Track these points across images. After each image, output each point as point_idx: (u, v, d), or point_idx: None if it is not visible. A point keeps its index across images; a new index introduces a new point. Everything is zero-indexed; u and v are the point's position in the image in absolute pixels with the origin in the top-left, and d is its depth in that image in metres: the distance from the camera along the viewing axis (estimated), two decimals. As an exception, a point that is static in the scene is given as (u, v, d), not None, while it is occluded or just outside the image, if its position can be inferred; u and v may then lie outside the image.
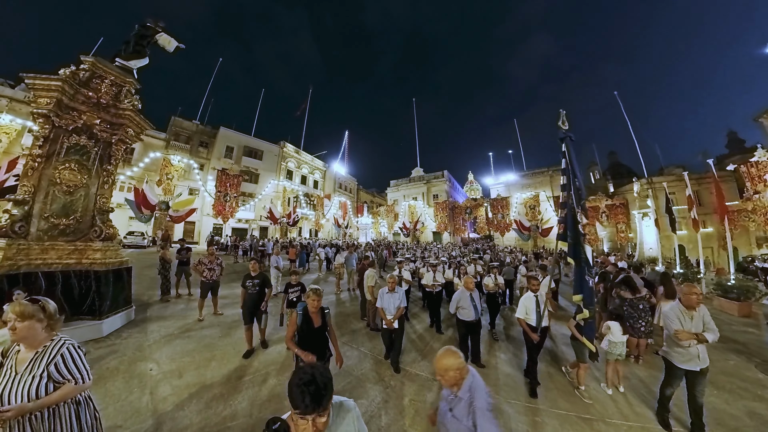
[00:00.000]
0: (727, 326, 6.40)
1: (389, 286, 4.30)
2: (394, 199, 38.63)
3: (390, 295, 4.24)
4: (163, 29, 6.54)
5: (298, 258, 13.02)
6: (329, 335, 2.91)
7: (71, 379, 1.62)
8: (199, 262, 5.88)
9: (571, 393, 3.64)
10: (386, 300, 4.21)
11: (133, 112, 5.63)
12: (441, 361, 1.72)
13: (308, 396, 1.04)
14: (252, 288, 4.42)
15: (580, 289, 3.53)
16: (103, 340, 4.43)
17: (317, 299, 2.82)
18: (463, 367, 1.75)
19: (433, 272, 6.53)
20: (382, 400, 3.36)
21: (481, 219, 28.71)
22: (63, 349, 1.63)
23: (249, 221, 26.28)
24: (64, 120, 4.91)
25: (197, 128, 24.79)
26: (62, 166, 4.91)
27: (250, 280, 4.45)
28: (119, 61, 5.84)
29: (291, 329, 2.81)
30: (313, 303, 2.79)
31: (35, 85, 4.71)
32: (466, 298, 4.32)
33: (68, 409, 1.66)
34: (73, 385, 1.63)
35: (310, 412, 1.05)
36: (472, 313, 4.24)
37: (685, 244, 21.91)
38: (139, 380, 3.43)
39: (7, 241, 4.24)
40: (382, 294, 4.26)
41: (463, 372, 1.75)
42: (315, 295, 2.81)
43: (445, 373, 1.71)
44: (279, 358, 4.26)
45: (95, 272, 4.82)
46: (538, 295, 3.89)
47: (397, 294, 4.24)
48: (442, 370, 1.71)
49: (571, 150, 4.07)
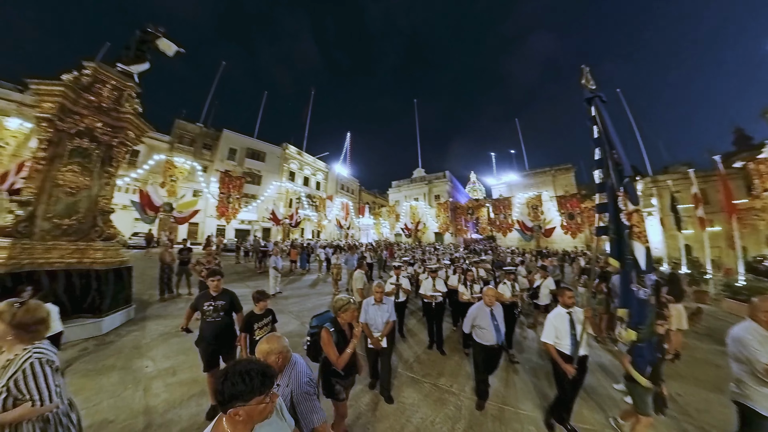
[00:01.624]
0: None
1: (375, 296, 3.39)
2: (395, 200, 38.67)
3: (376, 307, 3.36)
4: (163, 34, 6.70)
5: (299, 259, 13.17)
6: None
7: (29, 399, 1.48)
8: (198, 262, 5.99)
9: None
10: (371, 313, 3.34)
11: (133, 116, 5.77)
12: (262, 345, 1.63)
13: (258, 376, 1.06)
14: (212, 314, 3.00)
15: (626, 302, 2.63)
16: (102, 337, 4.55)
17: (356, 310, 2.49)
18: (286, 352, 1.64)
19: (432, 279, 5.45)
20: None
21: (483, 219, 28.59)
22: (26, 365, 1.49)
23: (251, 222, 26.56)
24: (66, 124, 5.06)
25: (201, 131, 25.17)
26: (65, 169, 5.07)
27: (210, 303, 3.03)
28: (120, 66, 6.00)
29: (333, 350, 2.30)
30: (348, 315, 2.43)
31: (39, 90, 4.87)
32: (485, 316, 3.35)
33: (32, 427, 1.52)
34: (29, 407, 1.47)
35: (268, 389, 1.07)
36: (493, 335, 3.29)
37: (691, 243, 21.51)
38: (134, 377, 3.51)
39: (12, 241, 4.39)
40: (366, 306, 3.39)
41: (285, 358, 1.65)
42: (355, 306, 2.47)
43: (266, 357, 1.59)
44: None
45: (96, 271, 4.95)
46: (572, 312, 2.94)
47: (385, 306, 3.40)
48: (263, 354, 1.60)
49: (603, 113, 3.19)
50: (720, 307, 8.34)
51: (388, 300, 3.50)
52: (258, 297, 3.05)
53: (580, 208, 24.54)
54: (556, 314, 3.01)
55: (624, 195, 2.84)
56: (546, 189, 28.18)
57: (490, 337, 3.30)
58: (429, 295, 5.27)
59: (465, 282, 5.43)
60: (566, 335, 2.86)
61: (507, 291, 5.13)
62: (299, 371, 1.66)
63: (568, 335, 2.86)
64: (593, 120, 3.25)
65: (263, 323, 3.01)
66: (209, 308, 3.04)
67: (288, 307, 7.10)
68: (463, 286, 5.38)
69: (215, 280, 3.16)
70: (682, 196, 20.40)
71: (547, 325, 3.00)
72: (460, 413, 3.17)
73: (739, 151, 27.45)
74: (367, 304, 3.41)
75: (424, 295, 5.40)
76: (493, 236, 28.66)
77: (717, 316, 7.51)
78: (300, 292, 9.03)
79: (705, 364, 4.54)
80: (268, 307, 3.13)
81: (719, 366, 4.39)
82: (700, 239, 17.44)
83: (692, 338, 5.50)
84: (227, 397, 1.03)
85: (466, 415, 3.13)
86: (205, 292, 3.22)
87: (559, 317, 2.97)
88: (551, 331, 2.95)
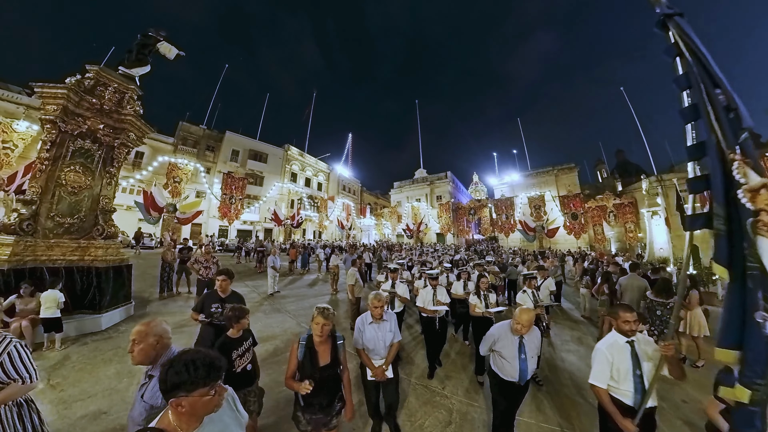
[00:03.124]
0: None
1: (374, 312, 2.55)
2: (397, 201, 38.71)
3: (375, 326, 2.56)
4: (164, 38, 6.85)
5: (298, 259, 13.25)
6: (342, 376, 2.11)
7: (18, 378, 1.59)
8: (195, 261, 6.09)
9: None
10: (370, 334, 2.53)
11: (134, 118, 5.91)
12: (140, 326, 1.47)
13: (203, 367, 1.02)
14: (220, 316, 2.83)
15: (738, 337, 1.54)
16: (101, 333, 4.66)
17: (326, 322, 2.01)
18: (166, 338, 1.50)
19: (433, 288, 4.30)
20: None
21: (486, 220, 28.46)
22: (10, 347, 1.60)
23: (254, 223, 26.79)
24: (69, 125, 5.20)
25: (204, 133, 25.52)
26: (68, 169, 5.21)
27: (218, 305, 2.88)
28: (122, 69, 6.15)
29: (291, 365, 2.05)
30: (319, 327, 2.00)
31: (43, 93, 5.02)
32: (511, 345, 2.51)
33: (10, 411, 1.61)
34: (20, 385, 1.60)
35: (214, 381, 1.03)
36: (516, 372, 2.45)
37: (698, 243, 21.16)
38: (130, 371, 3.58)
39: (16, 238, 4.52)
40: (362, 326, 2.57)
41: (164, 345, 1.49)
42: (322, 316, 2.01)
43: (143, 338, 1.41)
44: (270, 349, 4.38)
45: (96, 269, 5.07)
46: (635, 342, 2.05)
47: (386, 324, 2.59)
48: (141, 335, 1.43)
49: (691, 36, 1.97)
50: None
51: (390, 315, 2.67)
52: (234, 315, 2.28)
53: (583, 207, 24.30)
54: (611, 344, 2.10)
55: (742, 159, 1.63)
56: (549, 189, 27.99)
57: (512, 372, 2.48)
58: (430, 309, 4.09)
59: (478, 291, 4.30)
60: (627, 377, 1.98)
61: (528, 301, 4.23)
62: None
63: (630, 377, 1.98)
64: (674, 49, 2.07)
65: (242, 349, 2.32)
66: (217, 310, 2.88)
67: (285, 306, 7.16)
68: (475, 296, 4.24)
69: (223, 280, 2.98)
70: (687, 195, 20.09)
71: (598, 360, 2.09)
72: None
73: (746, 149, 26.98)
74: (362, 323, 2.58)
75: (422, 309, 4.22)
76: (496, 237, 28.51)
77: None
78: (298, 291, 9.10)
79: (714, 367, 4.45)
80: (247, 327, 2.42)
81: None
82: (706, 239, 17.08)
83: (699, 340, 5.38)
84: (169, 386, 1.00)
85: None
86: (213, 292, 3.05)
87: (616, 349, 2.06)
88: (604, 369, 2.04)
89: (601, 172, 39.31)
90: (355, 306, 5.67)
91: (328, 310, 2.07)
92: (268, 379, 3.55)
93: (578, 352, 4.97)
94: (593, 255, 15.79)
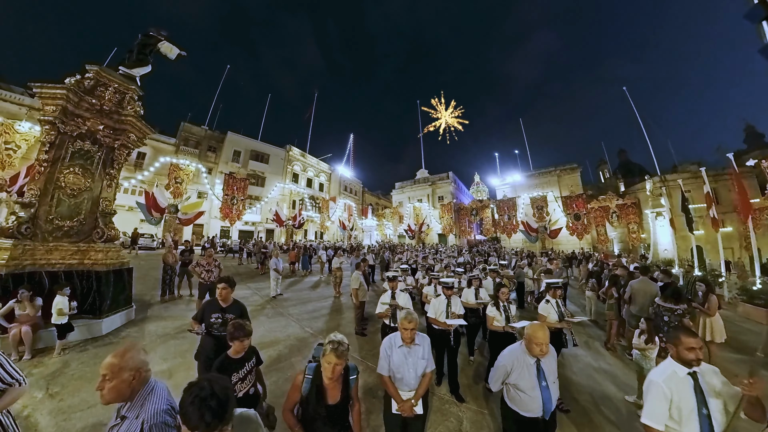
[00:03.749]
0: (755, 335, 5.98)
1: (404, 334, 2.16)
2: (399, 201, 38.58)
3: (405, 350, 2.18)
4: (165, 38, 6.76)
5: (299, 260, 13.15)
6: (352, 415, 1.83)
7: (12, 382, 1.61)
8: (197, 264, 5.99)
9: None
10: (398, 360, 2.16)
11: (135, 118, 5.81)
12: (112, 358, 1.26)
13: (208, 412, 0.95)
14: (220, 327, 2.68)
15: None
16: (101, 338, 4.56)
17: (339, 362, 1.65)
18: (144, 370, 1.32)
19: (447, 298, 3.73)
20: None
21: (488, 221, 28.31)
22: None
23: (255, 224, 26.73)
24: (69, 126, 5.11)
25: (206, 133, 25.48)
26: (67, 171, 5.12)
27: (218, 314, 2.73)
28: (123, 69, 6.06)
29: (292, 397, 1.77)
30: (331, 368, 1.65)
31: (42, 93, 4.93)
32: (527, 371, 2.05)
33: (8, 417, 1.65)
34: (18, 388, 1.63)
35: (213, 429, 0.96)
36: (539, 404, 2.01)
37: (703, 244, 20.98)
38: (131, 378, 3.49)
39: (14, 242, 4.43)
40: (389, 349, 2.20)
41: (142, 379, 1.30)
42: (335, 355, 1.64)
43: (117, 374, 1.22)
44: (273, 354, 4.27)
45: (96, 272, 4.98)
46: (699, 374, 1.70)
47: (418, 349, 2.19)
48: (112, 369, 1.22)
49: None
50: (736, 312, 8.04)
51: (422, 339, 2.25)
52: (235, 334, 2.04)
53: (586, 208, 24.14)
54: (669, 377, 1.71)
55: None
56: (551, 189, 27.80)
57: (534, 407, 2.00)
58: (445, 322, 3.54)
59: (497, 302, 3.67)
60: (691, 417, 1.60)
61: (552, 313, 3.51)
62: (157, 396, 1.33)
63: (695, 417, 1.60)
64: None
65: (244, 372, 2.08)
66: (217, 320, 2.71)
67: (288, 309, 7.06)
68: (494, 308, 3.64)
69: (223, 288, 2.77)
70: (692, 196, 19.93)
71: (653, 395, 1.70)
72: None
73: (750, 149, 26.79)
74: (390, 346, 2.20)
75: (434, 321, 3.65)
76: (498, 237, 28.35)
77: (733, 322, 7.24)
78: (301, 294, 8.99)
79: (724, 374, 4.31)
80: (251, 346, 2.20)
81: (737, 376, 4.17)
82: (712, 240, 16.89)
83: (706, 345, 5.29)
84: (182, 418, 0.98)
85: None
86: (213, 300, 2.86)
87: (676, 383, 1.68)
88: (661, 407, 1.66)
89: (604, 173, 39.12)
90: (359, 310, 5.55)
91: (343, 345, 1.67)
92: (274, 387, 3.45)
93: (586, 357, 4.85)
94: (599, 256, 15.58)
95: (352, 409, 1.84)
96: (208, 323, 2.73)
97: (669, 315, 4.00)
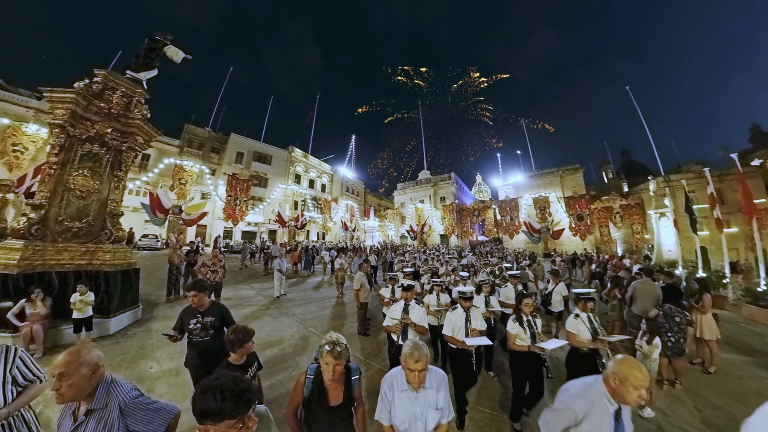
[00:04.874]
0: (759, 337, 5.96)
1: (409, 377, 1.64)
2: (401, 202, 38.62)
3: (412, 397, 1.67)
4: (171, 42, 6.87)
5: (302, 261, 13.22)
6: (356, 412, 1.77)
7: (34, 379, 1.66)
8: (203, 264, 6.07)
9: None
10: (401, 408, 1.67)
11: (142, 121, 5.92)
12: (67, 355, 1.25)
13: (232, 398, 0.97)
14: (200, 333, 2.58)
15: None
16: (110, 337, 4.65)
17: (337, 362, 1.59)
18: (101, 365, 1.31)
19: (465, 311, 3.20)
20: None
21: (490, 221, 28.28)
22: (19, 353, 1.66)
23: (258, 224, 26.88)
24: (78, 129, 5.22)
25: (209, 135, 25.69)
26: (76, 173, 5.22)
27: (196, 320, 2.60)
28: (130, 73, 6.17)
29: (295, 399, 1.73)
30: (330, 368, 1.59)
31: (52, 97, 5.05)
32: (604, 423, 1.45)
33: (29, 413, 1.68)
34: (39, 384, 1.67)
35: (243, 413, 0.98)
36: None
37: (707, 245, 20.80)
38: (139, 377, 3.57)
39: (25, 243, 4.53)
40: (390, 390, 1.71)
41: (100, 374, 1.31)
42: (332, 356, 1.58)
43: (75, 369, 1.20)
44: (278, 353, 4.33)
45: (105, 273, 5.07)
46: None
47: (429, 395, 1.68)
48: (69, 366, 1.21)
49: None
50: (740, 314, 7.99)
51: (436, 378, 1.71)
52: (237, 339, 2.01)
53: (589, 209, 24.02)
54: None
55: None
56: (554, 190, 27.72)
57: None
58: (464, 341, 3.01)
59: (519, 316, 3.08)
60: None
61: (584, 329, 2.98)
62: (120, 384, 1.37)
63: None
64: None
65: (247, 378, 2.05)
66: (196, 326, 2.59)
67: (292, 309, 7.12)
68: (515, 324, 3.04)
69: (193, 296, 2.64)
70: (696, 196, 19.78)
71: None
72: None
73: (755, 148, 26.54)
74: (391, 387, 1.71)
75: (452, 340, 3.12)
76: (500, 238, 28.29)
77: (737, 323, 7.20)
78: (304, 295, 9.06)
79: (725, 375, 4.32)
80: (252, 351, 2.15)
81: (741, 377, 4.18)
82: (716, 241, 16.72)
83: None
84: (198, 413, 0.98)
85: None
86: (189, 307, 2.72)
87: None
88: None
89: (607, 173, 38.93)
90: (361, 311, 5.60)
91: (339, 347, 1.61)
92: (279, 385, 3.50)
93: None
94: (605, 257, 15.40)
95: (356, 411, 1.78)
96: (188, 330, 2.61)
97: (680, 316, 4.05)
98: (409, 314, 3.16)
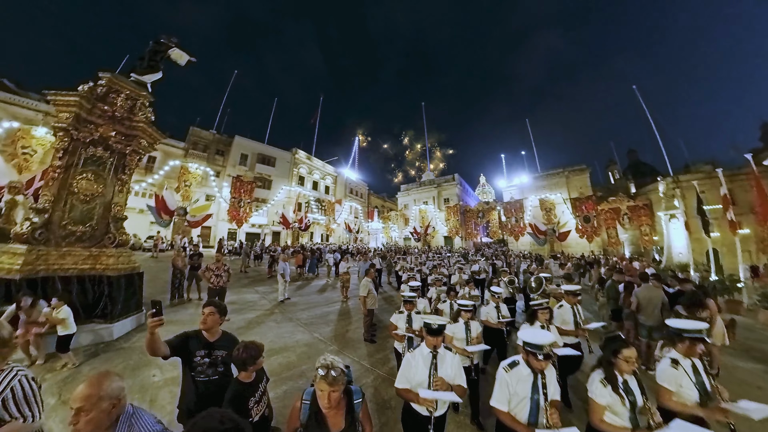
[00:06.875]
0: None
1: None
2: (404, 204, 38.47)
3: None
4: (175, 45, 6.85)
5: (306, 264, 13.12)
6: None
7: (19, 416, 1.43)
8: (207, 269, 6.00)
9: None
10: None
11: (146, 124, 5.88)
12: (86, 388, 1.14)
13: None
14: (206, 369, 2.07)
15: None
16: (113, 343, 4.58)
17: (333, 389, 1.46)
18: (122, 398, 1.22)
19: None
20: None
21: (494, 223, 28.00)
22: (14, 382, 1.44)
23: (262, 226, 26.91)
24: (82, 133, 5.19)
25: (214, 137, 25.84)
26: (80, 177, 5.19)
27: (205, 352, 2.08)
28: (134, 76, 6.15)
29: (291, 425, 1.62)
30: (325, 396, 1.47)
31: (56, 101, 5.03)
32: None
33: None
34: (20, 424, 1.43)
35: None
36: None
37: (719, 247, 20.30)
38: (141, 386, 3.48)
39: (28, 247, 4.49)
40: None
41: (121, 406, 1.22)
42: (325, 382, 1.45)
43: (94, 404, 1.11)
44: (283, 362, 4.22)
45: (108, 277, 5.01)
46: None
47: None
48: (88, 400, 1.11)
49: None
50: (756, 320, 7.70)
51: None
52: (250, 356, 1.83)
53: (596, 210, 23.63)
54: None
55: None
56: (559, 191, 27.35)
57: None
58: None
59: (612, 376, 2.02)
60: None
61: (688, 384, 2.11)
62: (142, 415, 1.26)
63: None
64: None
65: (259, 394, 1.92)
66: (203, 361, 2.02)
67: (296, 314, 7.01)
68: (609, 390, 2.07)
69: (210, 313, 2.10)
70: (706, 197, 19.32)
71: None
72: None
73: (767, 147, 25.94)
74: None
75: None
76: (505, 240, 27.99)
77: (754, 329, 6.93)
78: (308, 298, 8.95)
79: (745, 385, 4.12)
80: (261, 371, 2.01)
81: (761, 388, 3.98)
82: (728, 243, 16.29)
83: (727, 355, 5.01)
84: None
85: None
86: (196, 334, 2.12)
87: None
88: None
89: (614, 173, 38.37)
90: (368, 318, 5.47)
91: (334, 371, 1.45)
92: (284, 396, 3.40)
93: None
94: (615, 260, 14.94)
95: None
96: (191, 364, 2.02)
97: None
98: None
